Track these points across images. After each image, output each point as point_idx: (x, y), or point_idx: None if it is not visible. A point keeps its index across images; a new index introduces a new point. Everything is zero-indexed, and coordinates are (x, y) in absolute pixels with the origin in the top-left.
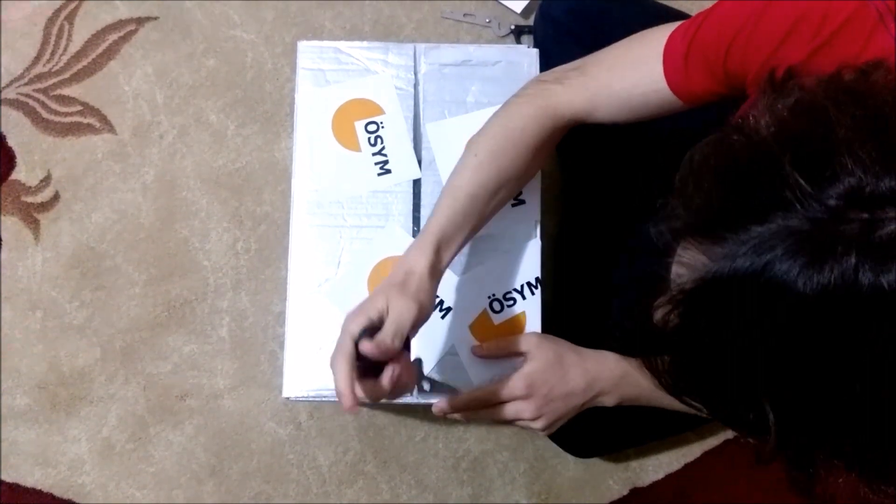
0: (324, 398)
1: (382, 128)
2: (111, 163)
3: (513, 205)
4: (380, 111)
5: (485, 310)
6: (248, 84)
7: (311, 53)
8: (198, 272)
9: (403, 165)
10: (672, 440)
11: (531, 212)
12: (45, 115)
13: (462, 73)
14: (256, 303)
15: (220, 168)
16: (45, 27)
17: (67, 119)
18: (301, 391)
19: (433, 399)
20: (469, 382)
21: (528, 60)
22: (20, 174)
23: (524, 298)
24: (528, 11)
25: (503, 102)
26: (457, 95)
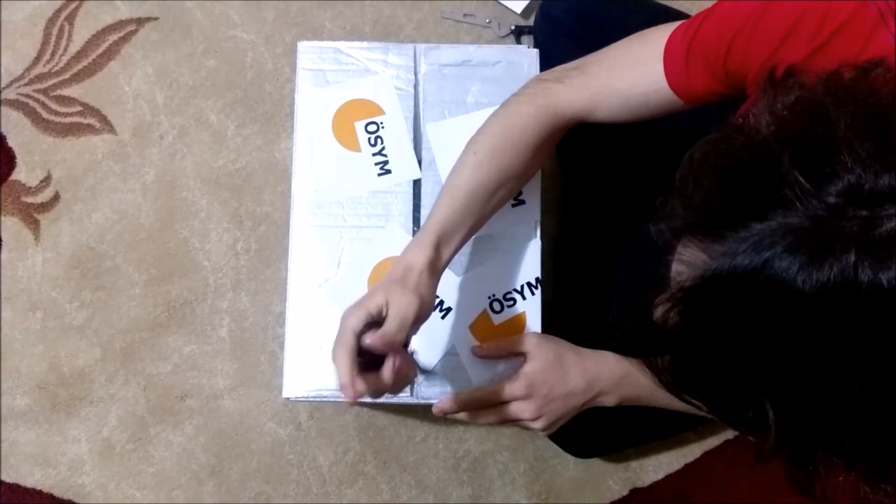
0: (324, 398)
1: (382, 128)
2: (111, 163)
3: (513, 205)
4: (380, 111)
5: (485, 310)
6: (249, 84)
7: (312, 54)
8: (198, 272)
9: (403, 166)
10: (672, 440)
11: (531, 212)
12: (46, 116)
13: (462, 74)
14: (256, 303)
15: (221, 168)
16: (46, 27)
17: (67, 119)
18: (301, 391)
19: (433, 399)
20: (469, 382)
21: (529, 61)
22: (20, 174)
23: (524, 298)
24: (529, 12)
25: (503, 102)
26: (457, 96)
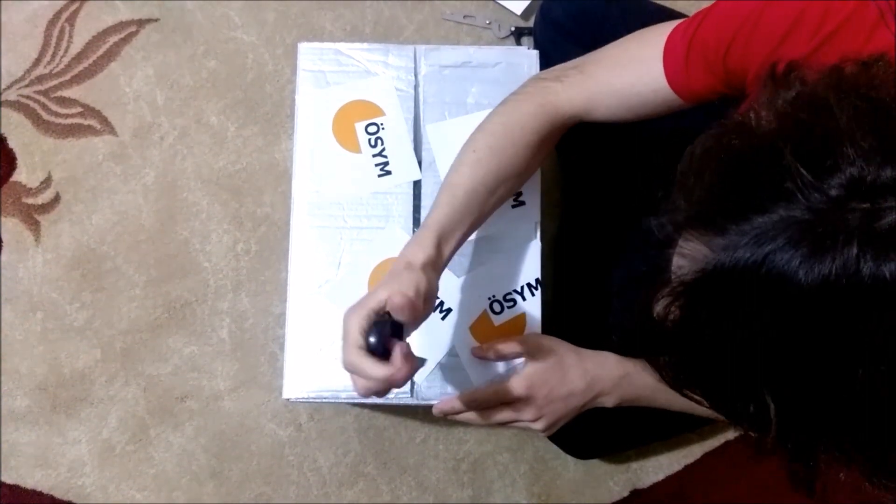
0: (324, 399)
1: (383, 129)
2: (112, 164)
3: (513, 206)
4: (380, 112)
5: (485, 311)
6: (249, 85)
7: (312, 55)
8: (198, 273)
9: (404, 167)
10: (672, 441)
11: (531, 213)
12: (46, 117)
13: (462, 75)
14: (257, 304)
15: (221, 169)
16: (46, 29)
17: (68, 121)
18: (301, 392)
19: (433, 400)
20: (469, 383)
21: (529, 62)
22: (21, 176)
23: (524, 299)
24: (529, 13)
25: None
26: (457, 97)
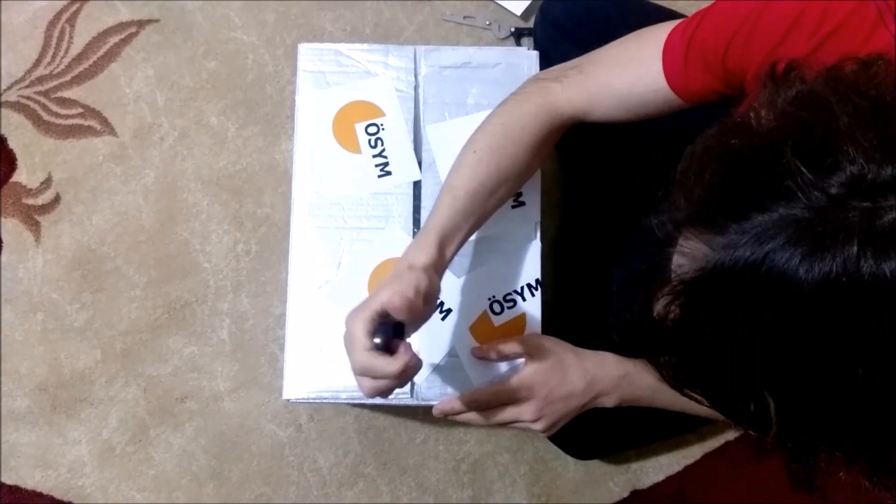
0: (324, 400)
1: (383, 130)
2: (112, 165)
3: (513, 206)
4: (380, 113)
5: (485, 311)
6: (249, 86)
7: (312, 56)
8: (198, 274)
9: (404, 167)
10: (672, 442)
11: (531, 213)
12: (46, 118)
13: (462, 76)
14: (257, 305)
15: (221, 170)
16: (47, 30)
17: (68, 121)
18: (301, 393)
19: (433, 401)
20: (469, 384)
21: (528, 62)
22: (21, 176)
23: (524, 300)
24: (529, 13)
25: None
26: (457, 97)
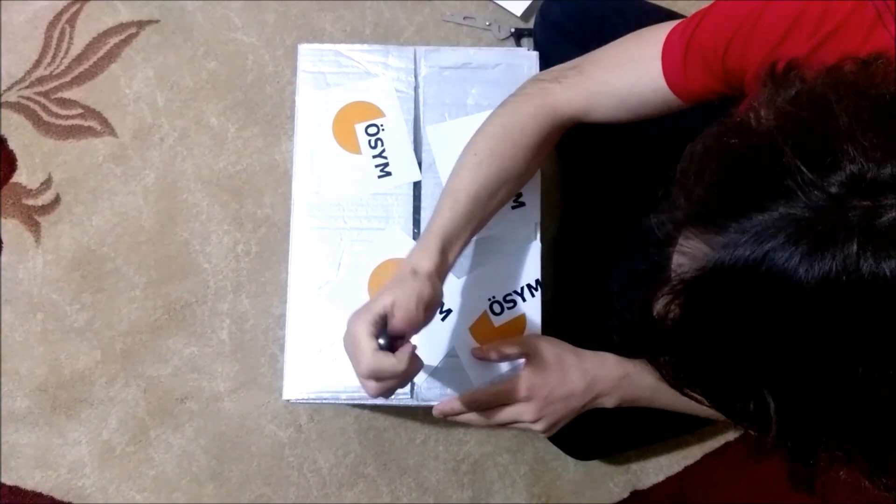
0: (324, 400)
1: (383, 130)
2: (112, 165)
3: (513, 207)
4: (380, 114)
5: (485, 312)
6: (249, 87)
7: (312, 56)
8: (198, 275)
9: (404, 168)
10: (672, 442)
11: (531, 214)
12: (46, 118)
13: (462, 76)
14: (257, 305)
15: (221, 171)
16: (47, 30)
17: (68, 122)
18: (301, 393)
19: (433, 401)
20: (469, 384)
21: (528, 63)
22: (21, 177)
23: (524, 300)
24: (528, 14)
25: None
26: (457, 98)
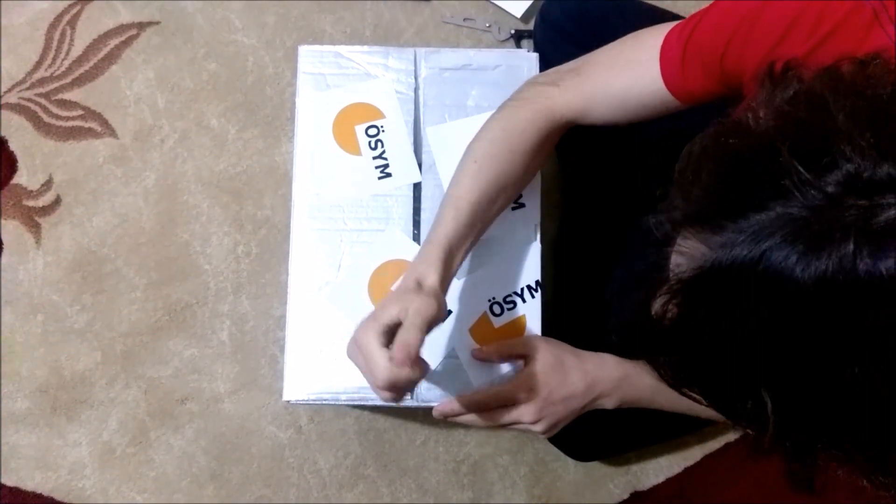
0: (324, 401)
1: (383, 132)
2: (112, 167)
3: (513, 208)
4: (380, 115)
5: (485, 313)
6: (249, 88)
7: (312, 58)
8: (198, 276)
9: (404, 169)
10: (672, 444)
11: (531, 215)
12: (47, 120)
13: (462, 77)
14: (257, 306)
15: (221, 172)
16: (48, 32)
17: (69, 123)
18: (301, 395)
19: (433, 402)
20: (469, 385)
21: (528, 64)
22: (22, 178)
23: (524, 301)
24: (528, 15)
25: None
26: (457, 99)
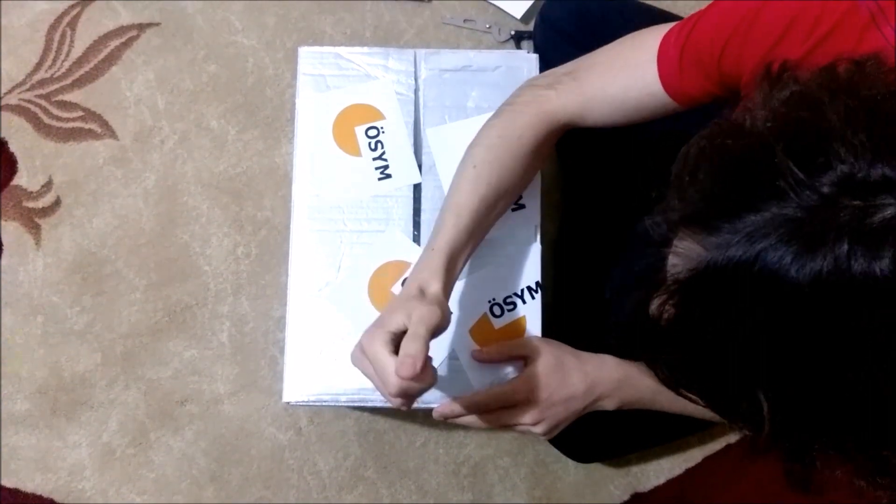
0: (324, 403)
1: (383, 133)
2: (112, 168)
3: (513, 209)
4: (380, 116)
5: (485, 314)
6: (249, 89)
7: (312, 59)
8: (198, 277)
9: (404, 170)
10: (673, 445)
11: (531, 216)
12: (47, 121)
13: (462, 79)
14: (257, 308)
15: (221, 173)
16: (48, 33)
17: (69, 124)
18: (301, 396)
19: (433, 404)
20: (469, 387)
21: (528, 65)
22: (22, 179)
23: (524, 302)
24: (529, 16)
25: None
26: (457, 100)
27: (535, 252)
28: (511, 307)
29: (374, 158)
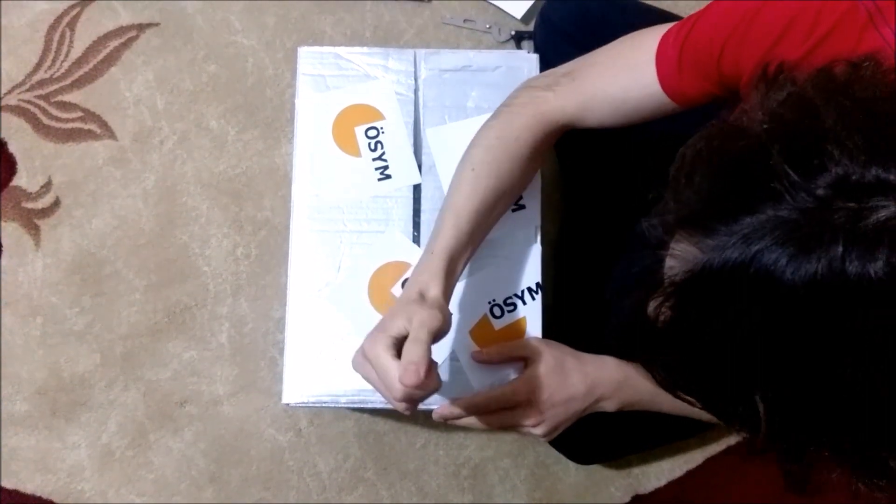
0: (324, 404)
1: (383, 133)
2: (112, 169)
3: (513, 210)
4: (380, 116)
5: (485, 315)
6: (249, 90)
7: (312, 59)
8: (198, 278)
9: (404, 170)
10: (674, 446)
11: (532, 217)
12: (46, 122)
13: (462, 79)
14: (256, 308)
15: (221, 174)
16: (47, 34)
17: (68, 125)
18: (301, 397)
19: (433, 405)
20: (469, 388)
21: (529, 65)
22: (21, 180)
23: (525, 303)
24: (529, 17)
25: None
26: (457, 101)
27: (536, 253)
28: (511, 308)
29: (374, 159)
